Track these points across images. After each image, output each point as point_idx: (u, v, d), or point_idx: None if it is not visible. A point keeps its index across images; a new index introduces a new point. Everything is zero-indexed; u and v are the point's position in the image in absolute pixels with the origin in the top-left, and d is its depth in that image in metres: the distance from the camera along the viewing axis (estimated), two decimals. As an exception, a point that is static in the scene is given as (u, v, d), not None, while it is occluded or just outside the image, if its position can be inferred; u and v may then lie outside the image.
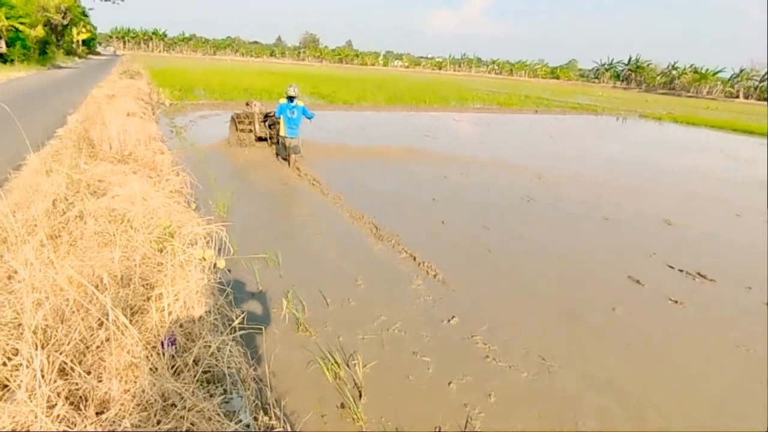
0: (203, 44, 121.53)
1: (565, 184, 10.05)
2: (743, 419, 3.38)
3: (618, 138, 20.92)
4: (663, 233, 7.39)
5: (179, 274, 3.18)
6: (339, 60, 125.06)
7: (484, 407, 3.24)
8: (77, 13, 50.24)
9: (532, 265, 5.76)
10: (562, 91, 62.87)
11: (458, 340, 4.04)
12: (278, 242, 5.75)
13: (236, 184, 8.04)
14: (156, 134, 10.35)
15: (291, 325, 4.03)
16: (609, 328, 4.46)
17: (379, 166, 10.50)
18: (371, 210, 7.14)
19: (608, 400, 3.43)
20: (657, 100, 55.45)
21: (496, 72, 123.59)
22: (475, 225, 7.00)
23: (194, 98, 20.51)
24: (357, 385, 3.32)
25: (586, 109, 33.35)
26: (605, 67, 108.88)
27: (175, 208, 5.05)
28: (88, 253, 3.22)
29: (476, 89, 44.93)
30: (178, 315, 2.73)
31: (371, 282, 4.93)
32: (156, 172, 6.87)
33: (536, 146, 15.46)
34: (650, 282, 5.48)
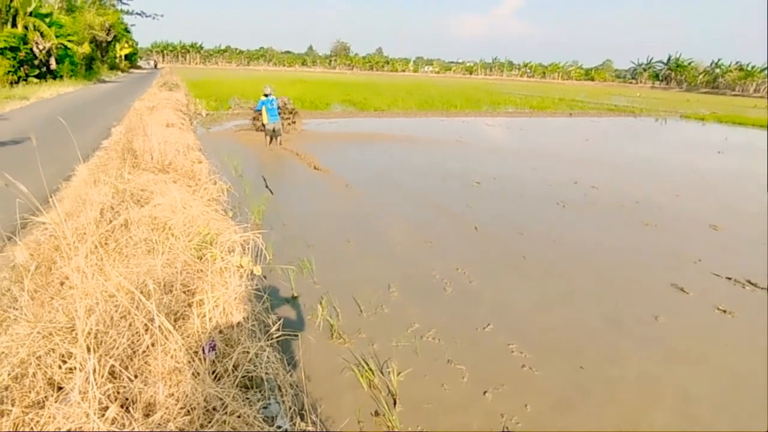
0: (237, 55, 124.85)
1: (601, 188, 9.80)
2: (799, 436, 3.20)
3: (657, 140, 20.24)
4: (709, 239, 7.10)
5: (218, 281, 3.27)
6: (369, 67, 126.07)
7: (521, 417, 3.18)
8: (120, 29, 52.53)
9: (569, 272, 5.64)
10: (597, 92, 61.37)
11: (493, 348, 3.99)
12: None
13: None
14: (194, 144, 10.68)
15: (325, 331, 4.07)
16: (652, 337, 4.31)
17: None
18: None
19: (651, 411, 3.31)
20: (699, 100, 53.44)
21: (528, 75, 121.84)
22: (509, 231, 6.91)
23: (229, 108, 21.06)
24: (391, 393, 3.33)
25: (623, 110, 32.44)
26: (643, 66, 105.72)
27: (213, 216, 5.20)
28: (133, 260, 3.36)
29: (508, 93, 44.42)
30: (217, 321, 2.80)
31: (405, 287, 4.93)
32: (194, 180, 7.09)
33: (571, 150, 15.13)
34: (695, 290, 5.27)
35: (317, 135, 15.59)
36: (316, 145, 13.93)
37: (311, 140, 14.54)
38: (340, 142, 14.74)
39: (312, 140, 14.56)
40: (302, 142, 13.93)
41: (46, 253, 3.88)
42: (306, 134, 15.53)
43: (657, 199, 9.22)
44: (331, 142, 14.67)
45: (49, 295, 2.93)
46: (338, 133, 16.25)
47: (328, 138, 15.26)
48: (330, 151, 13.43)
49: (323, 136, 15.56)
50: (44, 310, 2.65)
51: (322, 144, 14.10)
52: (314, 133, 15.94)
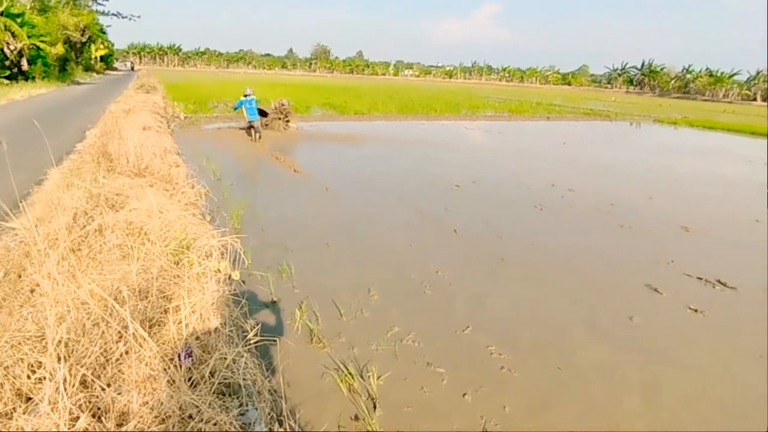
0: (216, 58, 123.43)
1: (578, 191, 9.97)
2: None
3: (632, 143, 20.70)
4: (681, 240, 7.29)
5: (195, 287, 3.23)
6: (350, 71, 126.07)
7: (499, 418, 3.21)
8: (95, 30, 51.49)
9: (547, 274, 5.72)
10: (574, 97, 62.50)
11: (472, 350, 4.03)
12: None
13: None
14: (171, 147, 10.53)
15: (305, 336, 4.05)
16: (627, 337, 4.40)
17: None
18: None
19: (626, 411, 3.38)
20: (672, 105, 54.85)
21: (506, 79, 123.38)
22: (488, 233, 6.98)
23: (208, 111, 20.82)
24: (371, 397, 3.33)
25: (599, 114, 33.11)
26: (618, 72, 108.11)
27: (190, 221, 5.14)
28: (108, 267, 3.29)
29: (487, 97, 44.91)
30: (194, 327, 2.77)
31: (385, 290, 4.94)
32: (171, 184, 6.99)
33: (548, 153, 15.37)
34: (668, 290, 5.40)
35: (298, 137, 15.53)
36: (296, 147, 13.87)
37: (291, 142, 14.47)
38: (320, 144, 14.69)
39: (292, 142, 14.49)
40: (282, 144, 13.86)
41: (16, 259, 3.77)
42: (287, 136, 15.45)
43: (632, 201, 9.43)
44: (311, 144, 14.62)
45: (18, 303, 2.85)
46: (318, 135, 16.20)
47: (309, 140, 15.20)
48: (310, 153, 13.39)
49: (303, 138, 15.49)
50: (12, 319, 2.57)
51: (302, 146, 14.05)
52: (295, 135, 15.87)
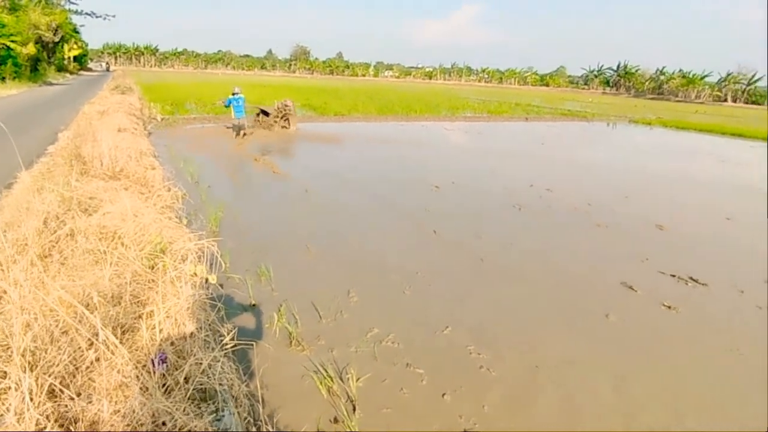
0: (194, 58, 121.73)
1: (556, 191, 10.12)
2: (738, 423, 3.40)
3: (609, 143, 21.11)
4: (655, 238, 7.45)
5: (170, 291, 3.17)
6: (330, 71, 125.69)
7: (478, 418, 3.24)
8: (68, 30, 50.26)
9: (525, 273, 5.79)
10: (552, 97, 63.43)
11: (452, 350, 4.05)
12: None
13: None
14: (147, 149, 10.34)
15: (284, 339, 4.02)
16: (603, 335, 4.48)
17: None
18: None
19: (603, 407, 3.44)
20: (646, 105, 56.09)
21: (486, 80, 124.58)
22: (467, 234, 7.03)
23: (185, 112, 20.53)
24: (351, 399, 3.32)
25: (577, 115, 33.67)
26: (594, 73, 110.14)
27: (166, 224, 5.05)
28: (79, 272, 3.21)
29: (467, 98, 45.27)
30: (169, 332, 2.72)
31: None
32: (147, 187, 6.86)
33: (527, 154, 15.57)
34: (643, 288, 5.52)
35: (278, 138, 15.41)
36: (276, 149, 13.76)
37: (273, 143, 14.35)
38: (300, 146, 14.62)
39: (274, 143, 14.38)
40: (264, 144, 13.74)
41: (-17, 266, 3.66)
42: (266, 137, 15.32)
43: (608, 201, 9.61)
44: (290, 145, 14.54)
45: (-16, 312, 2.76)
46: (298, 136, 16.10)
47: (289, 142, 15.10)
48: (289, 155, 13.31)
49: (283, 139, 15.38)
50: (-22, 328, 2.49)
51: (282, 148, 13.95)
52: (276, 136, 15.75)
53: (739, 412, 3.53)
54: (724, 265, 6.47)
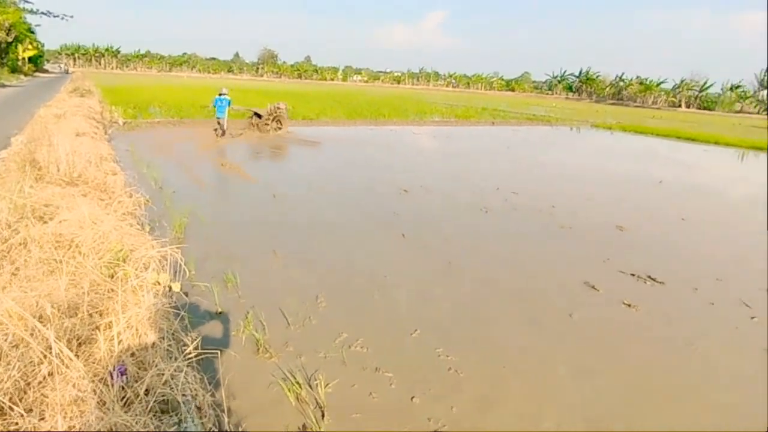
0: (158, 61, 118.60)
1: (521, 194, 10.33)
2: (693, 411, 3.54)
3: (572, 147, 21.72)
4: (616, 239, 7.70)
5: (131, 300, 3.08)
6: (298, 75, 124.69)
7: (447, 419, 3.26)
8: (22, 29, 48.26)
9: (492, 274, 5.88)
10: (518, 102, 64.82)
11: (421, 353, 4.07)
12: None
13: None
14: (108, 154, 10.01)
15: (251, 346, 3.95)
16: (567, 334, 4.59)
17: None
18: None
19: (567, 403, 3.52)
20: (607, 110, 57.96)
21: (453, 85, 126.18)
22: (435, 237, 7.10)
23: (149, 116, 20.00)
24: (319, 405, 3.29)
25: (541, 119, 34.49)
26: (557, 79, 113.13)
27: (127, 231, 4.91)
28: (32, 283, 3.08)
29: (434, 102, 45.76)
30: (129, 343, 2.64)
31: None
32: (108, 194, 6.65)
33: (493, 157, 15.86)
34: (604, 287, 5.69)
35: (246, 142, 15.19)
36: (244, 153, 13.57)
37: (240, 147, 14.14)
38: (268, 149, 14.45)
39: (240, 147, 14.16)
40: (230, 149, 13.52)
41: (-73, 278, 3.45)
42: (236, 142, 15.08)
43: (571, 203, 9.88)
44: (259, 149, 14.34)
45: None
46: (267, 140, 15.92)
47: (257, 145, 14.90)
48: (257, 159, 13.13)
49: (253, 143, 15.17)
50: None
51: (250, 152, 13.76)
52: (244, 140, 15.52)
53: (693, 401, 3.67)
54: (680, 264, 6.74)
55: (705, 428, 3.39)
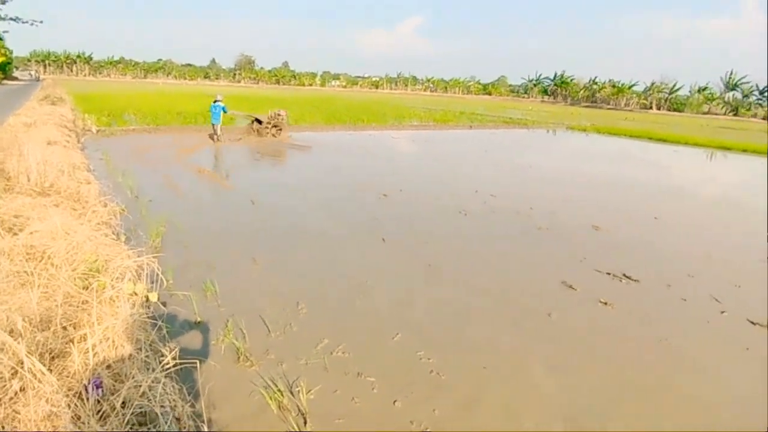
0: (133, 67, 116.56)
1: (499, 196, 10.47)
2: (669, 408, 3.63)
3: (548, 150, 22.09)
4: (592, 239, 7.85)
5: (107, 311, 3.03)
6: (276, 81, 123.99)
7: (429, 421, 3.28)
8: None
9: (472, 276, 5.94)
10: (495, 106, 65.66)
11: (402, 356, 4.08)
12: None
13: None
14: (81, 163, 9.81)
15: (232, 355, 3.91)
16: (545, 333, 4.66)
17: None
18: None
19: (546, 402, 3.57)
20: (581, 113, 59.13)
21: (431, 89, 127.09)
22: (415, 240, 7.14)
23: (124, 123, 19.64)
24: (302, 412, 3.27)
25: (518, 122, 35.01)
26: (533, 82, 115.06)
27: (102, 241, 4.83)
28: (2, 297, 2.99)
29: (413, 107, 46.01)
30: (105, 355, 2.59)
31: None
32: (81, 203, 6.51)
33: (472, 161, 16.03)
34: (581, 286, 5.80)
35: (239, 147, 15.03)
36: (222, 159, 13.43)
37: (228, 154, 13.99)
38: (246, 157, 14.33)
39: (228, 154, 14.02)
40: (213, 156, 13.37)
41: None
42: (228, 147, 14.91)
43: (549, 204, 10.04)
44: (238, 156, 14.21)
45: None
46: (260, 145, 15.79)
47: (236, 153, 14.76)
48: (235, 165, 13.01)
49: (231, 150, 15.02)
50: None
51: (229, 159, 13.62)
52: (240, 145, 15.36)
53: (667, 395, 3.77)
54: (653, 262, 6.91)
55: (679, 421, 3.48)
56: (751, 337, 4.84)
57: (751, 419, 3.58)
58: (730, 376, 4.15)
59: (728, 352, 4.53)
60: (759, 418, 3.59)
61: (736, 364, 4.34)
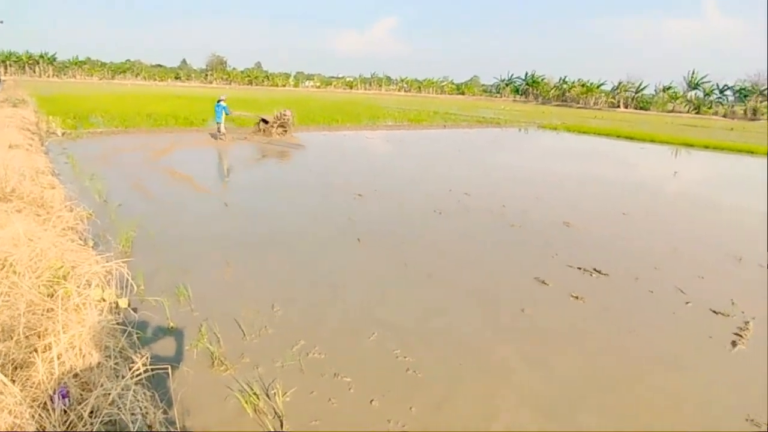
0: (100, 68, 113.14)
1: (473, 195, 10.59)
2: (639, 397, 3.74)
3: (520, 148, 22.45)
4: (563, 235, 8.02)
5: (73, 319, 2.94)
6: (248, 82, 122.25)
7: (406, 419, 3.30)
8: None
9: (447, 275, 5.99)
10: (468, 105, 66.35)
11: (379, 356, 4.09)
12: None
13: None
14: (45, 167, 9.50)
15: (206, 360, 3.85)
16: (520, 328, 4.74)
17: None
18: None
19: (520, 395, 3.64)
20: (552, 112, 60.24)
21: (405, 90, 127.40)
22: (391, 240, 7.16)
23: (91, 126, 19.09)
24: (278, 415, 3.25)
25: (491, 122, 35.45)
26: (505, 82, 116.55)
27: (68, 247, 4.69)
28: (-39, 307, 2.88)
29: (387, 107, 46.08)
30: (72, 364, 2.52)
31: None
32: (45, 209, 6.30)
33: (446, 160, 16.15)
34: (554, 281, 5.92)
35: (194, 150, 14.77)
36: (193, 161, 13.18)
37: (190, 156, 13.73)
38: (219, 158, 14.12)
39: (191, 155, 13.76)
40: (180, 159, 13.10)
41: None
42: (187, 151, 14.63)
43: (521, 202, 10.21)
44: (210, 158, 13.99)
45: None
46: (218, 146, 15.55)
47: (209, 153, 14.53)
48: (206, 167, 12.81)
49: (204, 151, 14.77)
50: None
51: (201, 160, 13.39)
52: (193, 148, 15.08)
53: (637, 385, 3.88)
54: (622, 256, 7.10)
55: (647, 408, 3.59)
56: (713, 326, 5.03)
57: (714, 405, 3.72)
58: (695, 364, 4.30)
59: (693, 341, 4.70)
60: (722, 404, 3.74)
61: (700, 353, 4.50)
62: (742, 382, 4.07)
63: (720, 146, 25.12)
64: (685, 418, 3.53)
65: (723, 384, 4.02)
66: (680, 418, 3.53)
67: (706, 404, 3.74)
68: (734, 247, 7.87)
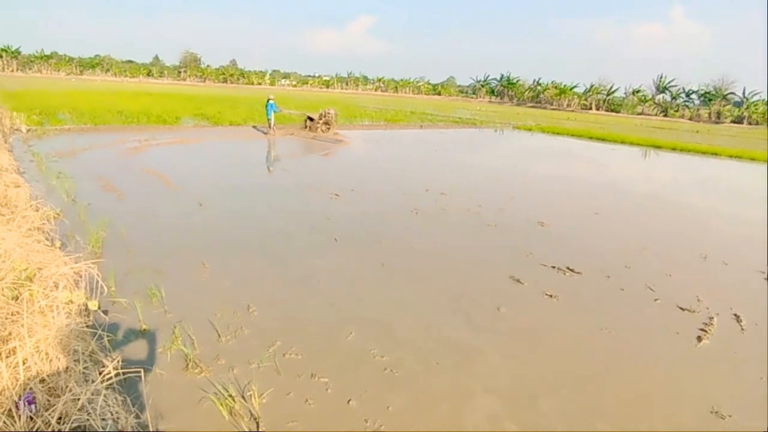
0: (67, 63, 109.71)
1: (449, 194, 10.67)
2: (609, 392, 3.83)
3: (496, 149, 22.73)
4: (537, 234, 8.15)
5: (39, 322, 2.85)
6: (223, 80, 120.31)
7: (384, 419, 3.30)
8: None
9: (424, 274, 6.02)
10: (444, 106, 66.83)
11: (356, 355, 4.09)
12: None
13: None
14: (9, 165, 9.17)
15: (180, 362, 3.78)
16: (496, 327, 4.80)
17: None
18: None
19: (496, 391, 3.69)
20: (527, 113, 61.21)
21: (382, 89, 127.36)
22: (367, 240, 7.16)
23: (58, 123, 18.49)
24: (254, 417, 3.21)
25: (467, 122, 35.80)
26: (481, 83, 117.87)
27: (34, 248, 4.54)
28: None
29: (364, 107, 46.03)
30: (38, 369, 2.43)
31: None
32: (9, 208, 6.08)
33: (422, 160, 16.24)
34: (528, 280, 6.01)
35: (168, 149, 14.46)
36: (167, 159, 12.90)
37: (166, 153, 13.44)
38: (194, 156, 13.85)
39: (164, 153, 13.46)
40: (153, 157, 12.80)
41: None
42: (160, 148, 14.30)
43: (496, 202, 10.34)
44: (183, 156, 13.71)
45: None
46: (191, 143, 15.27)
47: (181, 151, 14.24)
48: (182, 165, 12.56)
49: (177, 150, 14.47)
50: None
51: (174, 158, 13.11)
52: (167, 146, 14.76)
53: (611, 380, 3.98)
54: (594, 255, 7.26)
55: (617, 402, 3.69)
56: (680, 322, 5.19)
57: (681, 397, 3.84)
58: (662, 358, 4.43)
59: (660, 337, 4.84)
60: (688, 396, 3.86)
61: (668, 347, 4.65)
62: (707, 376, 4.21)
63: (686, 148, 25.96)
64: (652, 410, 3.64)
65: (689, 377, 4.16)
66: (647, 410, 3.64)
67: (673, 397, 3.85)
68: (700, 245, 8.14)
